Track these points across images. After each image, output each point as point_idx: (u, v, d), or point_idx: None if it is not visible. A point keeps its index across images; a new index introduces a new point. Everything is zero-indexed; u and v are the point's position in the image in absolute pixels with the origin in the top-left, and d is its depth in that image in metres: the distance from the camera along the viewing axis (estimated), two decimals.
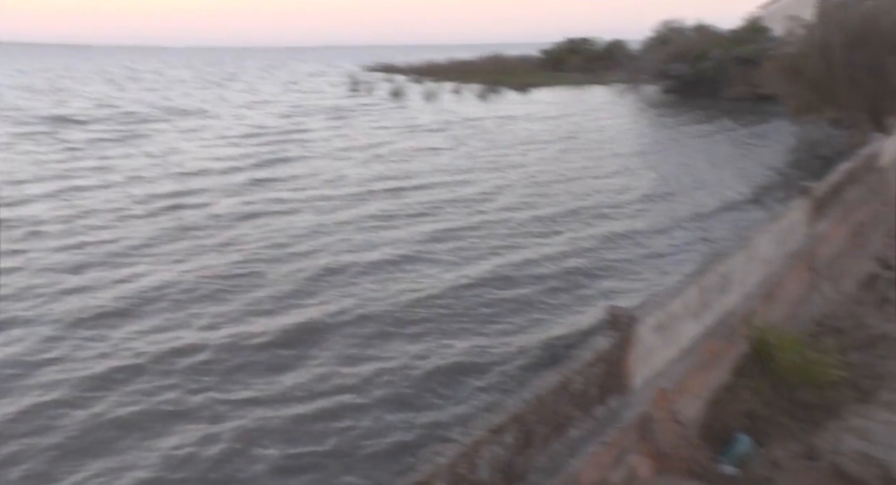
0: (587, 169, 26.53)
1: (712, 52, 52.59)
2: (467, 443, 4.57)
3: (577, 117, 43.06)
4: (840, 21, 27.49)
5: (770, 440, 5.82)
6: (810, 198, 9.91)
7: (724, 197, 21.88)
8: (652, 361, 6.23)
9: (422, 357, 10.51)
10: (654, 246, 16.43)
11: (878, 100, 26.86)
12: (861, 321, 8.36)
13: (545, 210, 19.79)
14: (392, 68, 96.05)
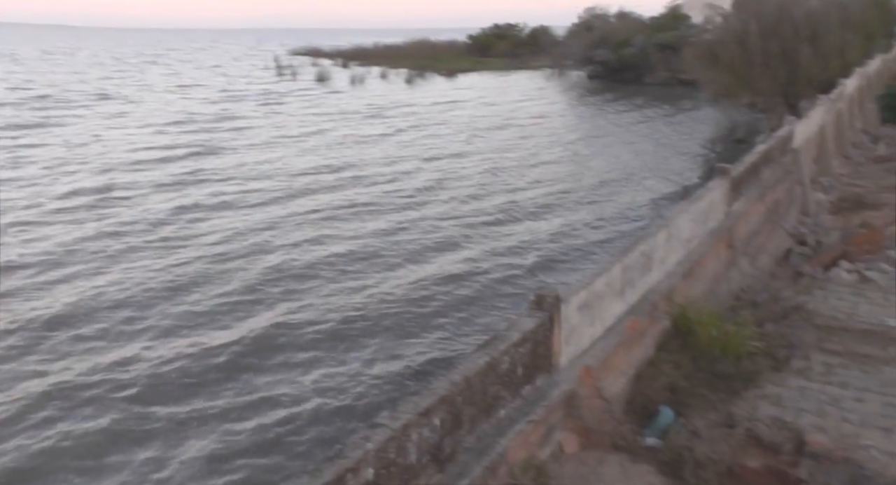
0: (527, 158, 26.56)
1: (635, 39, 54.19)
2: (396, 427, 4.56)
3: (511, 104, 43.42)
4: (755, 10, 28.74)
5: (691, 411, 6.07)
6: (728, 178, 10.32)
7: (645, 180, 22.60)
8: (577, 339, 6.37)
9: (370, 362, 10.32)
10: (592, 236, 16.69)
11: (792, 85, 28.25)
12: (776, 294, 8.81)
13: (492, 201, 19.63)
14: (318, 52, 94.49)
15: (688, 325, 7.30)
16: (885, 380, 6.36)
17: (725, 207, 10.16)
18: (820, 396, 6.08)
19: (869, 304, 8.17)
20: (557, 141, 30.45)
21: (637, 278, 7.37)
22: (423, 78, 63.28)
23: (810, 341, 7.08)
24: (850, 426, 5.60)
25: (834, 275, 10.43)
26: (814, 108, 18.28)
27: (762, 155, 12.36)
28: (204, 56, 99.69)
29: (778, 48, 27.57)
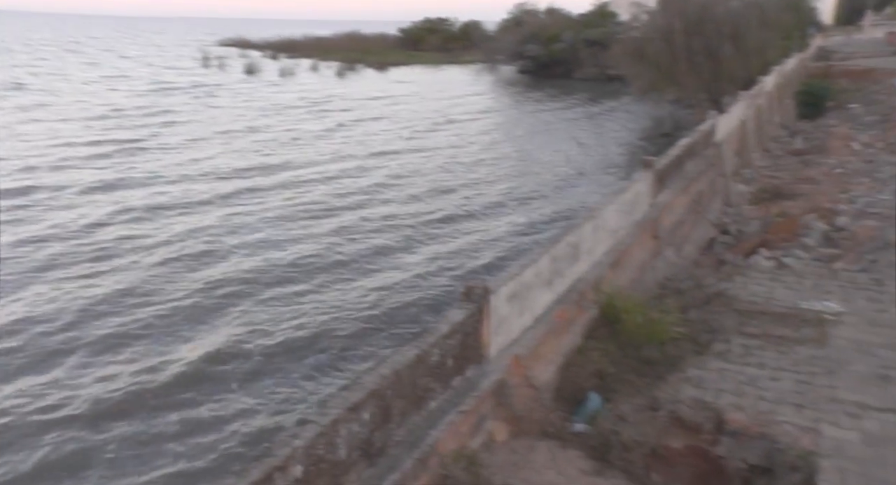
0: (466, 155, 26.48)
1: (564, 35, 55.35)
2: (325, 423, 4.54)
3: (447, 100, 43.45)
4: (680, 9, 29.77)
5: (618, 396, 6.27)
6: (653, 171, 10.65)
7: (577, 174, 23.12)
8: (507, 329, 6.47)
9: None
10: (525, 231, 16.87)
11: (715, 81, 29.41)
12: (699, 282, 9.18)
13: (435, 201, 19.46)
14: (246, 43, 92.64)
15: (615, 313, 7.52)
16: (798, 359, 6.71)
17: (651, 198, 10.50)
18: (738, 376, 6.37)
19: (785, 288, 8.61)
20: (494, 137, 30.77)
21: (565, 269, 7.54)
22: (355, 71, 62.85)
23: (731, 326, 7.41)
24: (765, 404, 5.89)
25: (754, 262, 10.96)
26: (735, 103, 19.07)
27: (686, 148, 12.82)
28: (127, 45, 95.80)
29: (701, 46, 28.65)
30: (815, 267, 10.48)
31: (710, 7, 29.20)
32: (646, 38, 29.67)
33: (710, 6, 29.21)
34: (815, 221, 13.13)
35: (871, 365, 6.63)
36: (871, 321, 7.63)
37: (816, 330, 7.32)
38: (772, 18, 30.94)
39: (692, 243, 11.91)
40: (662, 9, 31.04)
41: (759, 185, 17.34)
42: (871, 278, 9.02)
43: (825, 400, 5.97)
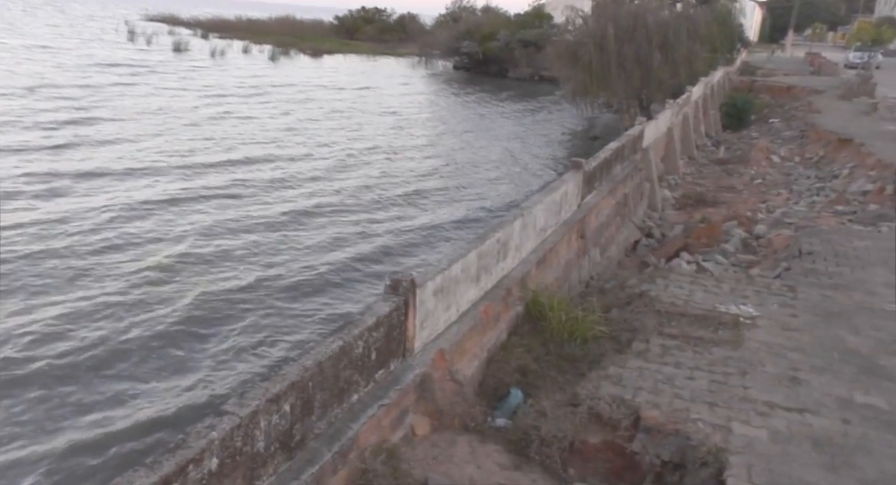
0: (405, 149, 26.33)
1: (500, 34, 56.02)
2: (243, 414, 4.44)
3: (383, 91, 43.15)
4: (613, 15, 30.61)
5: (539, 392, 6.40)
6: (581, 172, 10.91)
7: (508, 171, 23.43)
8: (433, 323, 6.50)
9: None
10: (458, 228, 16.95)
11: (645, 88, 30.42)
12: (623, 282, 9.49)
13: (369, 196, 19.11)
14: (175, 20, 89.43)
15: (540, 310, 7.68)
16: (714, 359, 7.03)
17: (579, 199, 10.76)
18: (656, 375, 6.61)
19: (703, 291, 8.98)
20: (428, 132, 30.82)
21: (492, 265, 7.63)
22: (288, 56, 61.75)
23: (651, 326, 7.67)
24: (681, 402, 6.14)
25: (675, 265, 11.42)
26: (663, 111, 19.78)
27: (614, 151, 13.20)
28: (47, 14, 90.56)
29: (633, 53, 29.56)
30: (734, 272, 11.01)
31: (641, 15, 30.17)
32: (579, 42, 30.38)
33: (641, 15, 30.17)
34: (735, 228, 13.79)
35: (781, 367, 7.00)
36: (783, 325, 8.05)
37: (732, 332, 7.68)
38: (701, 31, 32.20)
39: (617, 245, 12.30)
40: (596, 14, 31.85)
41: (684, 191, 18.05)
42: (784, 285, 9.52)
43: (737, 399, 6.27)
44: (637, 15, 30.60)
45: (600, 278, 10.11)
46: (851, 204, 15.82)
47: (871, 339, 7.81)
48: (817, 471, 5.32)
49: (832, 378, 6.83)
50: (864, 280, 9.73)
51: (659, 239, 13.82)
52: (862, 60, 43.23)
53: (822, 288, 9.35)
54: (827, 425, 5.96)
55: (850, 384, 6.73)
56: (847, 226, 13.48)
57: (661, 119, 18.94)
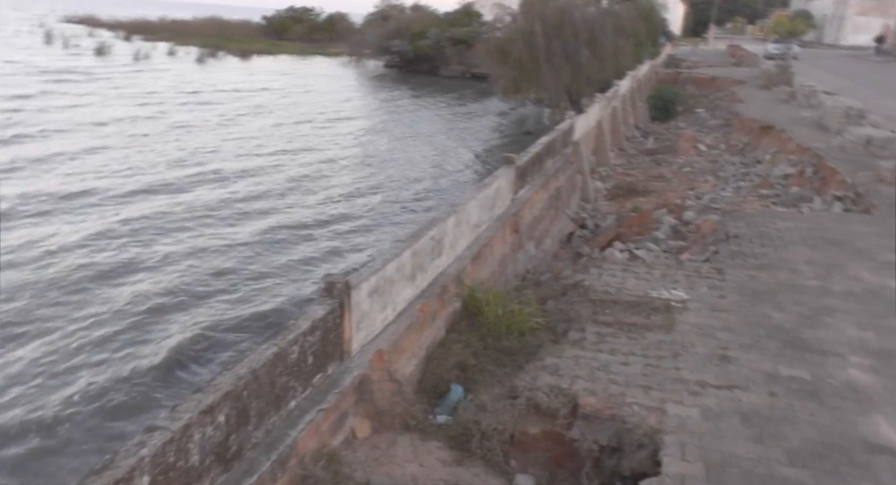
0: (342, 152, 26.03)
1: (430, 32, 56.26)
2: (175, 428, 4.33)
3: (317, 92, 42.66)
4: (540, 12, 31.15)
5: (479, 387, 6.47)
6: (513, 167, 11.06)
7: (441, 168, 23.55)
8: (369, 325, 6.49)
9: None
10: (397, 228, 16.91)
11: (574, 83, 31.03)
12: (558, 274, 9.67)
13: (305, 199, 18.76)
14: (95, 22, 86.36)
15: (476, 305, 7.75)
16: (647, 344, 7.24)
17: (511, 194, 10.91)
18: (592, 363, 6.77)
19: (636, 279, 9.23)
20: (362, 131, 30.71)
21: (428, 263, 7.66)
22: (216, 58, 60.53)
23: (586, 315, 7.84)
24: (616, 387, 6.30)
25: (609, 254, 11.69)
26: (592, 105, 20.20)
27: (545, 146, 13.42)
28: None
29: (561, 49, 30.13)
30: (665, 258, 11.35)
31: (568, 12, 30.79)
32: (508, 39, 30.80)
33: (568, 11, 30.80)
34: (665, 216, 14.21)
35: (711, 347, 7.26)
36: (712, 307, 8.35)
37: (664, 316, 7.92)
38: (626, 26, 33.06)
39: (552, 237, 12.51)
40: (524, 12, 32.33)
41: (615, 182, 18.49)
42: (712, 268, 9.87)
43: (670, 381, 6.47)
44: (564, 11, 31.22)
45: (536, 271, 10.28)
46: (774, 187, 16.51)
47: (794, 314, 8.18)
48: (746, 444, 5.54)
49: (759, 354, 7.12)
50: (787, 259, 10.17)
51: (593, 230, 14.13)
52: (780, 51, 45.16)
53: (747, 269, 9.73)
54: (755, 400, 6.22)
55: (775, 359, 7.04)
56: (770, 208, 14.06)
57: (591, 113, 19.35)
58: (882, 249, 10.61)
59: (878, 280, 9.37)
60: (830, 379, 6.69)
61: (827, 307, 8.42)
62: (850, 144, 17.82)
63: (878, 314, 8.26)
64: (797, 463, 5.35)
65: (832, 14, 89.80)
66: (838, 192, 14.50)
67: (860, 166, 15.72)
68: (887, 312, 8.33)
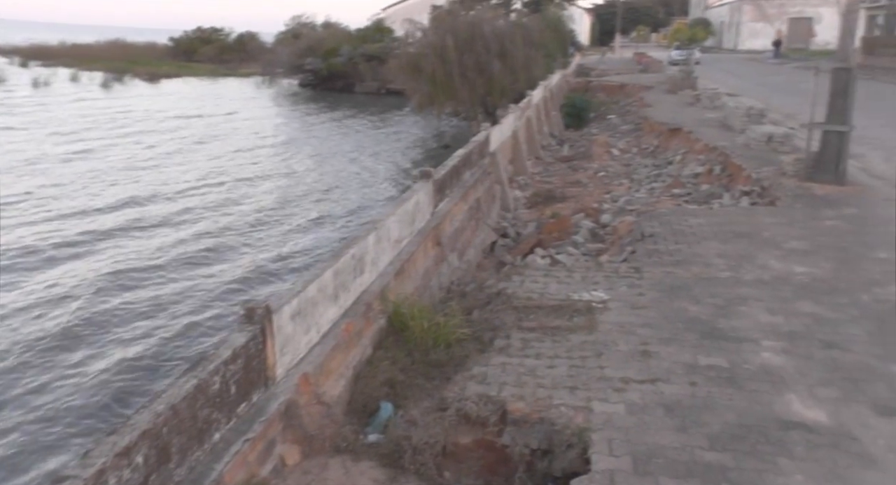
0: (264, 177, 25.56)
1: (342, 49, 56.32)
2: (88, 476, 4.15)
3: (231, 115, 41.85)
4: (451, 27, 31.66)
5: (409, 402, 6.48)
6: (432, 181, 11.16)
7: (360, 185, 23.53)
8: (293, 348, 6.40)
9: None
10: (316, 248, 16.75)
11: (488, 95, 31.61)
12: (482, 284, 9.81)
13: (220, 224, 18.37)
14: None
15: (402, 321, 7.77)
16: (571, 346, 7.42)
17: (431, 207, 11.00)
18: (519, 368, 6.89)
19: (557, 283, 9.45)
20: (278, 152, 30.34)
21: (350, 281, 7.64)
22: (122, 83, 58.62)
23: (510, 322, 7.98)
24: (543, 390, 6.43)
25: (530, 261, 11.94)
26: (507, 115, 20.62)
27: (462, 158, 13.60)
28: None
29: (473, 62, 30.68)
30: (584, 261, 11.67)
31: (478, 26, 31.42)
32: (421, 54, 31.15)
33: (478, 25, 31.43)
34: (584, 220, 14.62)
35: (632, 343, 7.51)
36: (632, 305, 8.63)
37: (586, 318, 8.14)
38: (535, 38, 33.98)
39: (474, 248, 12.68)
40: (434, 26, 32.80)
41: (533, 189, 18.90)
42: (630, 267, 10.21)
43: (595, 380, 6.65)
44: (474, 25, 31.84)
45: (460, 282, 10.39)
46: (686, 186, 17.24)
47: (709, 306, 8.56)
48: (670, 434, 5.76)
49: (678, 347, 7.41)
50: (701, 254, 10.63)
51: (514, 238, 14.39)
52: (683, 57, 47.34)
53: (664, 266, 10.12)
54: (676, 391, 6.46)
55: (694, 350, 7.34)
56: (683, 207, 14.67)
57: (506, 124, 19.75)
58: (787, 237, 11.25)
59: (785, 267, 9.91)
60: (746, 364, 7.02)
61: (740, 296, 8.84)
62: (753, 141, 18.85)
63: (787, 299, 8.74)
64: (718, 447, 5.59)
65: (729, 21, 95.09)
66: (745, 187, 15.30)
67: (763, 162, 16.66)
68: (794, 296, 8.82)
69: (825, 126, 14.57)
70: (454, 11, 35.23)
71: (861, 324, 7.94)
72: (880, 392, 6.42)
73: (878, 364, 6.96)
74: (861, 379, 6.67)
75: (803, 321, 8.06)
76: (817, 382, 6.64)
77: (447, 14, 34.76)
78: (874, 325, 7.90)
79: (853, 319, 8.09)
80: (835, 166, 14.42)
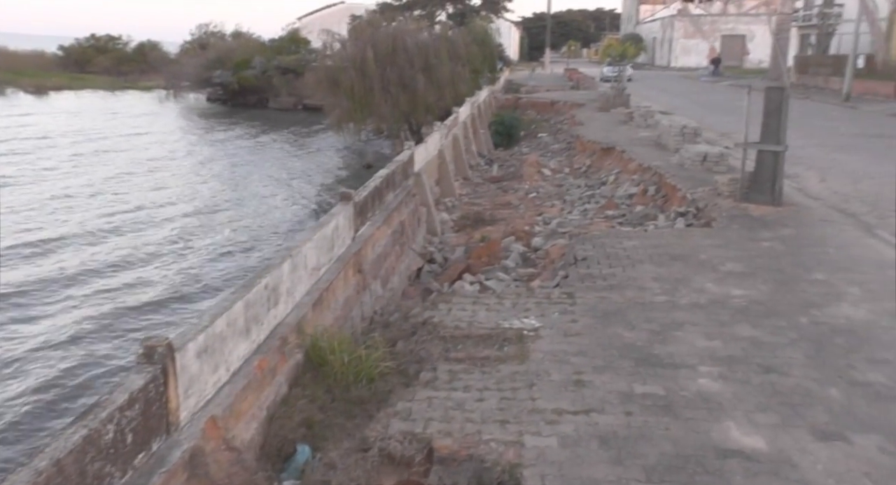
0: (168, 200, 24.97)
1: (255, 61, 55.80)
2: None
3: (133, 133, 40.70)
4: (371, 38, 31.89)
5: (328, 444, 6.41)
6: (351, 203, 11.16)
7: (279, 212, 23.28)
8: (200, 389, 6.25)
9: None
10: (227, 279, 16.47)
11: (412, 112, 31.92)
12: (407, 313, 9.84)
13: (120, 254, 17.81)
14: None
15: (320, 355, 7.70)
16: (502, 377, 7.51)
17: (352, 232, 10.99)
18: (446, 402, 6.92)
19: (487, 310, 9.58)
20: (193, 177, 29.73)
21: (263, 314, 7.53)
22: (4, 95, 56.22)
23: (437, 353, 8.02)
24: (472, 425, 6.48)
25: (458, 287, 12.07)
26: (432, 134, 20.86)
27: (385, 179, 13.66)
28: None
29: (396, 76, 31.00)
30: (515, 287, 11.88)
31: (400, 38, 31.80)
32: (339, 67, 31.24)
33: (400, 37, 31.82)
34: (514, 244, 14.89)
35: (565, 373, 7.67)
36: (564, 332, 8.82)
37: (517, 347, 8.26)
38: (461, 52, 34.60)
39: (399, 275, 12.71)
40: (353, 38, 32.98)
41: (462, 212, 19.13)
42: (563, 292, 10.45)
43: (527, 412, 6.75)
44: (396, 37, 32.21)
45: (384, 312, 10.39)
46: (620, 208, 17.82)
47: (644, 331, 8.84)
48: (605, 467, 5.89)
49: (613, 375, 7.61)
50: (635, 278, 10.98)
51: (441, 263, 14.51)
52: (615, 74, 49.13)
53: (597, 290, 10.40)
54: (611, 421, 6.63)
55: (629, 378, 7.55)
56: (617, 229, 15.14)
57: (431, 142, 19.97)
58: (723, 259, 11.75)
59: (721, 290, 10.34)
60: (683, 391, 7.26)
61: (676, 321, 9.16)
62: (688, 161, 19.66)
63: (724, 323, 9.12)
64: (654, 479, 5.76)
65: (661, 37, 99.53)
66: (680, 208, 15.92)
67: (698, 182, 17.38)
68: (732, 320, 9.21)
69: (760, 146, 15.26)
70: (374, 22, 35.52)
71: (799, 347, 8.36)
72: (819, 416, 6.76)
73: (817, 388, 7.33)
74: (799, 403, 7.01)
75: (741, 345, 8.42)
76: (755, 407, 6.93)
77: (367, 25, 35.00)
78: (812, 347, 8.33)
79: (791, 342, 8.51)
80: (770, 186, 15.11)
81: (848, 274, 10.94)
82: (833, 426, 6.57)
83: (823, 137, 25.36)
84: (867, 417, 6.73)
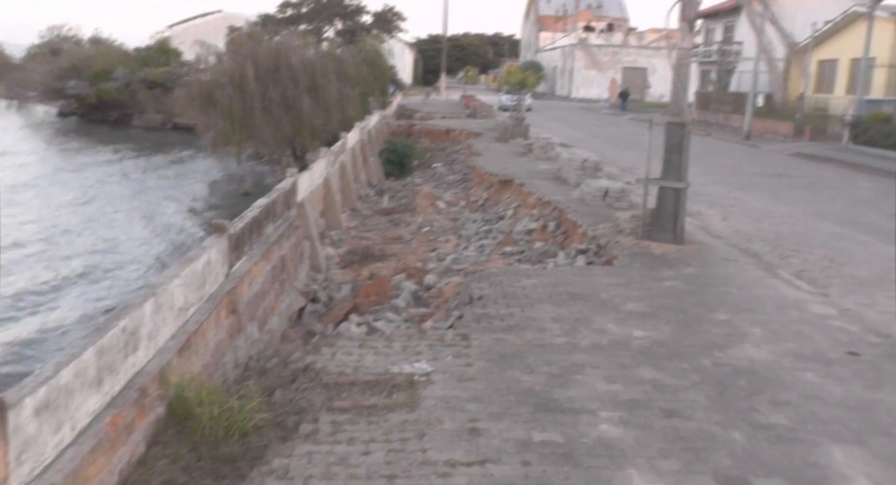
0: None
1: (117, 71, 53.99)
2: None
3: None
4: (251, 53, 31.53)
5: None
6: (227, 236, 10.90)
7: (144, 246, 22.48)
8: (38, 452, 5.85)
9: None
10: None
11: (297, 135, 31.66)
12: (286, 358, 9.63)
13: None
14: None
15: (186, 407, 7.40)
16: (390, 427, 7.46)
17: (226, 267, 10.72)
18: (328, 457, 6.79)
19: (374, 354, 9.52)
20: (40, 208, 28.13)
21: (120, 362, 7.19)
22: None
23: (319, 402, 7.88)
24: (357, 482, 6.39)
25: (344, 329, 11.98)
26: (318, 160, 20.78)
27: (265, 209, 13.45)
28: None
29: (279, 96, 30.72)
30: (406, 328, 11.89)
31: (284, 54, 31.59)
32: (215, 82, 30.63)
33: (284, 53, 31.60)
34: (405, 282, 14.95)
35: (459, 421, 7.69)
36: (458, 376, 8.87)
37: (407, 393, 8.23)
38: (350, 72, 34.70)
39: (279, 316, 12.48)
40: (232, 51, 32.55)
41: (349, 246, 19.07)
42: (457, 334, 10.53)
43: (417, 465, 6.72)
44: (280, 53, 31.95)
45: (261, 357, 10.14)
46: (518, 244, 18.23)
47: (543, 375, 9.01)
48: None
49: (510, 422, 7.69)
50: (534, 318, 11.21)
51: (326, 303, 14.38)
52: (514, 103, 50.55)
53: (494, 332, 10.54)
54: (508, 472, 6.69)
55: (527, 425, 7.66)
56: (515, 266, 15.47)
57: (316, 169, 19.87)
58: (625, 299, 12.18)
59: (623, 331, 10.71)
60: (583, 438, 7.43)
61: (576, 364, 9.40)
62: (589, 196, 20.38)
63: (625, 365, 9.43)
64: None
65: (561, 66, 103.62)
66: (581, 245, 16.45)
67: (599, 218, 18.02)
68: (634, 362, 9.54)
69: (661, 182, 15.94)
70: (256, 35, 35.14)
71: (702, 389, 8.74)
72: (722, 461, 7.06)
73: (720, 431, 7.67)
74: (703, 448, 7.31)
75: (643, 389, 8.72)
76: (658, 453, 7.18)
77: (247, 38, 34.60)
78: (715, 390, 8.72)
79: (694, 384, 8.89)
80: (672, 224, 15.78)
81: (751, 314, 11.57)
82: (736, 471, 6.89)
83: (725, 175, 26.98)
84: (770, 460, 7.09)
